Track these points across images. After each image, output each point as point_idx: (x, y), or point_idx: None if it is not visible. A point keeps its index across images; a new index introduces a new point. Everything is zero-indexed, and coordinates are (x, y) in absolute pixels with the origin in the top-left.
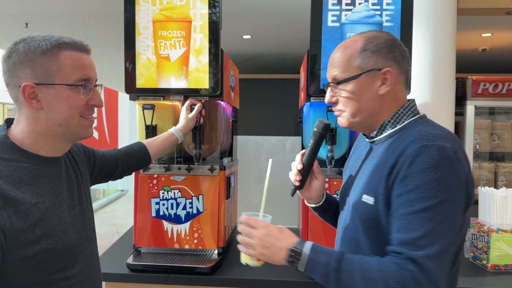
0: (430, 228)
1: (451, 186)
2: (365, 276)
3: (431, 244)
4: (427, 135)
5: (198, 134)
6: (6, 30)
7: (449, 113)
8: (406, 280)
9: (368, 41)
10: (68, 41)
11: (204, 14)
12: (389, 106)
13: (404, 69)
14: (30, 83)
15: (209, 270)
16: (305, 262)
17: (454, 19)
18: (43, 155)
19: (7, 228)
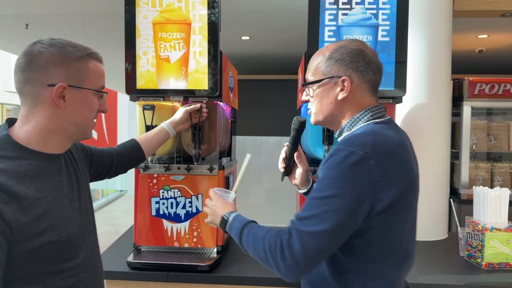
0: (314, 213)
1: (342, 186)
2: (254, 237)
3: (309, 225)
4: (348, 140)
5: (197, 134)
6: (6, 31)
7: (446, 114)
8: (275, 244)
9: (335, 50)
10: (94, 52)
11: (204, 16)
12: (349, 110)
13: (367, 78)
14: (63, 84)
15: (208, 268)
16: (227, 226)
17: (449, 21)
18: (46, 152)
19: (13, 223)
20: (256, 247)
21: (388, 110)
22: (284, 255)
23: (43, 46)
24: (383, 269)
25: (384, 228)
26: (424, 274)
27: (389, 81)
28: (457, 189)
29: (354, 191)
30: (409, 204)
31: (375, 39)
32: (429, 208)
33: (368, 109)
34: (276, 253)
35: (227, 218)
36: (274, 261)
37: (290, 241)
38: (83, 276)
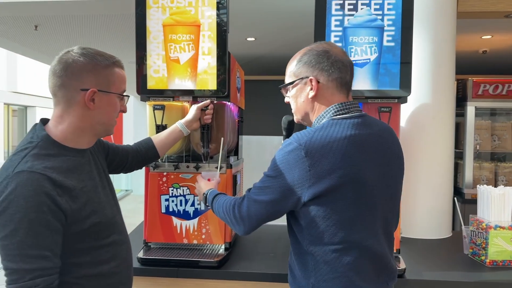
0: (261, 186)
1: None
2: (218, 203)
3: (255, 194)
4: (294, 134)
5: (206, 133)
6: (15, 32)
7: (449, 114)
8: (230, 206)
9: (304, 54)
10: (118, 60)
11: (212, 18)
12: (319, 108)
13: (333, 76)
14: (94, 89)
15: (216, 264)
16: (205, 200)
17: (453, 22)
18: (78, 148)
19: (67, 210)
20: (219, 210)
21: (393, 110)
22: (235, 213)
23: (76, 55)
24: (332, 254)
25: (322, 214)
26: (429, 271)
27: (394, 82)
28: (461, 188)
29: (285, 175)
30: (354, 196)
31: (381, 40)
32: (433, 207)
33: (332, 106)
34: (230, 212)
35: (205, 194)
36: (229, 218)
37: (241, 203)
38: (119, 249)
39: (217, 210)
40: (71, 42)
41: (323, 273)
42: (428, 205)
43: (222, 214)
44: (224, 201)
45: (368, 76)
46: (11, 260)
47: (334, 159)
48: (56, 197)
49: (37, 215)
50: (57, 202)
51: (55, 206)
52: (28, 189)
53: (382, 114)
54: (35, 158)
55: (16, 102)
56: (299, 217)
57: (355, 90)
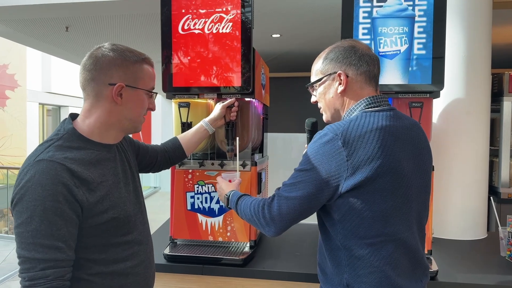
0: (292, 182)
1: (312, 162)
2: (245, 205)
3: (287, 191)
4: (329, 126)
5: (230, 130)
6: (47, 33)
7: (484, 110)
8: (259, 206)
9: (329, 52)
10: (147, 57)
11: (237, 13)
12: (349, 102)
13: (361, 70)
14: (122, 84)
15: (241, 262)
16: (229, 202)
17: (489, 13)
18: (104, 143)
19: (84, 202)
20: (245, 211)
21: (425, 105)
22: (264, 214)
23: (106, 50)
24: (368, 248)
25: (359, 206)
26: (463, 273)
27: (426, 76)
28: (497, 188)
29: (321, 167)
30: (391, 187)
31: (412, 31)
32: (467, 206)
33: (363, 100)
34: (258, 213)
35: (228, 196)
36: (257, 219)
37: (271, 203)
38: (137, 249)
39: (243, 212)
40: (101, 43)
41: (358, 268)
42: (461, 205)
43: (249, 215)
44: (251, 202)
45: (399, 68)
46: (25, 248)
47: (371, 149)
48: (73, 188)
49: (53, 204)
50: (74, 193)
51: (71, 197)
52: (45, 177)
53: (413, 109)
54: (57, 149)
55: (50, 102)
56: (332, 210)
57: (384, 85)
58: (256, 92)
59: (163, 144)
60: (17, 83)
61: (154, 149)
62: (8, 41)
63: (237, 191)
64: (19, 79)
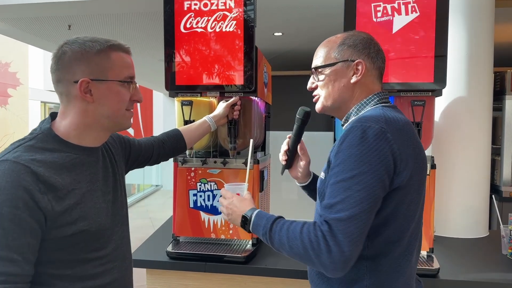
0: (346, 195)
1: (371, 161)
2: (288, 235)
3: (345, 210)
4: (361, 118)
5: (233, 128)
6: (50, 32)
7: (486, 108)
8: (317, 239)
9: (347, 37)
10: (116, 43)
11: (239, 12)
12: (359, 95)
13: (377, 65)
14: (86, 79)
15: (244, 259)
16: (250, 225)
17: (492, 11)
18: (84, 145)
19: (48, 210)
20: (292, 244)
21: (427, 104)
22: (329, 247)
23: (67, 45)
24: (394, 252)
25: (392, 206)
26: (465, 272)
27: (428, 74)
28: (499, 186)
29: (381, 164)
30: (420, 185)
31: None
32: (469, 205)
33: (375, 94)
34: (320, 248)
35: (249, 217)
36: (317, 256)
37: (332, 232)
38: (111, 266)
39: (286, 244)
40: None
41: (382, 274)
42: (463, 203)
43: (299, 250)
44: (299, 233)
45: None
46: None
47: (410, 144)
48: (36, 193)
49: (10, 210)
50: (36, 199)
51: (33, 203)
52: (5, 180)
53: (416, 108)
54: (27, 150)
55: (52, 100)
56: None
57: (386, 83)
58: (258, 91)
59: (163, 135)
60: (19, 81)
61: (148, 144)
62: (10, 39)
63: (260, 210)
64: (21, 77)
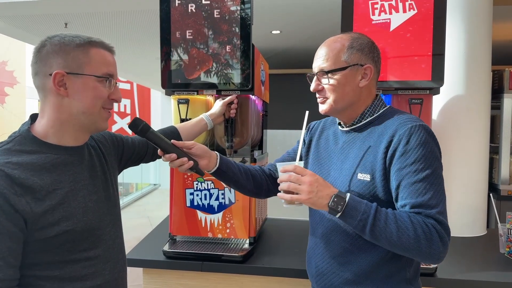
0: (434, 191)
1: (438, 157)
2: (398, 224)
3: (439, 203)
4: (409, 118)
5: (230, 127)
6: (46, 30)
7: (485, 107)
8: (429, 229)
9: (354, 40)
10: (97, 40)
11: (236, 10)
12: (365, 98)
13: (378, 69)
14: (61, 71)
15: (241, 258)
16: (344, 208)
17: (490, 9)
18: (65, 145)
19: (27, 213)
20: (402, 234)
21: (425, 102)
22: (442, 238)
23: (47, 40)
24: None
25: None
26: (462, 270)
27: (425, 72)
28: (497, 185)
29: (440, 157)
30: None
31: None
32: (467, 203)
33: (379, 97)
34: (433, 238)
35: (343, 196)
36: (429, 246)
37: (440, 224)
38: (102, 267)
39: (395, 233)
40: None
41: (415, 263)
42: (461, 202)
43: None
44: (411, 223)
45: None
46: None
47: None
48: (12, 197)
49: None
50: (12, 202)
51: (10, 207)
52: None
53: (413, 106)
54: (3, 153)
55: None
56: None
57: (383, 81)
58: (255, 89)
59: (159, 131)
60: (16, 80)
61: (142, 142)
62: (7, 37)
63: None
64: (18, 76)
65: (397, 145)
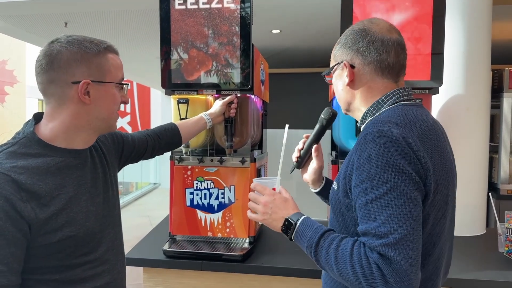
0: (387, 215)
1: (403, 169)
2: (337, 256)
3: (391, 232)
4: (376, 121)
5: (229, 127)
6: (46, 29)
7: (484, 106)
8: (370, 266)
9: (343, 35)
10: (110, 45)
11: (236, 9)
12: (362, 95)
13: (369, 59)
14: (87, 80)
15: (240, 257)
16: (294, 233)
17: (489, 9)
18: (70, 148)
19: (32, 219)
20: (341, 268)
21: (424, 102)
22: (385, 278)
23: (61, 45)
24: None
25: (424, 226)
26: (462, 270)
27: (425, 72)
28: (496, 184)
29: (411, 167)
30: (446, 198)
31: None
32: (466, 203)
33: (392, 93)
34: (374, 277)
35: (294, 222)
36: (371, 286)
37: (384, 260)
38: (101, 270)
39: (333, 265)
40: (101, 39)
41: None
42: (460, 201)
43: (348, 276)
44: (350, 255)
45: None
46: None
47: (436, 150)
48: (18, 202)
49: None
50: (18, 208)
51: (15, 213)
52: None
53: None
54: (8, 156)
55: None
56: None
57: None
58: (255, 88)
59: (158, 129)
60: (16, 79)
61: (142, 139)
62: (7, 36)
63: (307, 216)
64: (18, 75)
65: (353, 157)
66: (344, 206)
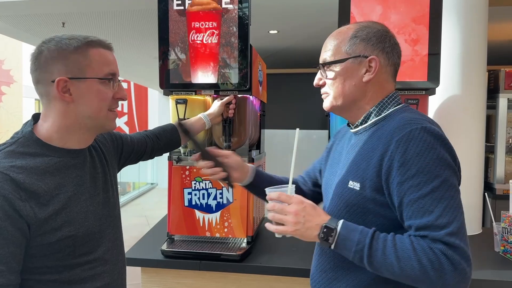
0: (444, 207)
1: (449, 163)
2: (398, 253)
3: (450, 222)
4: (411, 119)
5: (228, 127)
6: (44, 29)
7: (480, 106)
8: (437, 256)
9: (360, 29)
10: (95, 39)
11: (234, 9)
12: (373, 94)
13: (392, 61)
14: (63, 78)
15: (238, 257)
16: (336, 238)
17: (485, 10)
18: (68, 148)
19: (31, 218)
20: (404, 265)
21: (421, 102)
22: (454, 266)
23: (43, 44)
24: None
25: None
26: None
27: (421, 73)
28: (492, 184)
29: (454, 163)
30: None
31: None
32: (462, 202)
33: (393, 94)
34: (443, 267)
35: (334, 227)
36: (439, 277)
37: (451, 249)
38: (101, 270)
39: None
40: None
41: None
42: None
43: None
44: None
45: None
46: None
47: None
48: (17, 202)
49: None
50: (17, 207)
51: (14, 212)
52: None
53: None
54: (7, 156)
55: None
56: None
57: None
58: (253, 89)
59: (157, 130)
60: (13, 78)
61: (141, 140)
62: (3, 36)
63: (344, 220)
64: (15, 74)
65: (394, 154)
66: (373, 204)
